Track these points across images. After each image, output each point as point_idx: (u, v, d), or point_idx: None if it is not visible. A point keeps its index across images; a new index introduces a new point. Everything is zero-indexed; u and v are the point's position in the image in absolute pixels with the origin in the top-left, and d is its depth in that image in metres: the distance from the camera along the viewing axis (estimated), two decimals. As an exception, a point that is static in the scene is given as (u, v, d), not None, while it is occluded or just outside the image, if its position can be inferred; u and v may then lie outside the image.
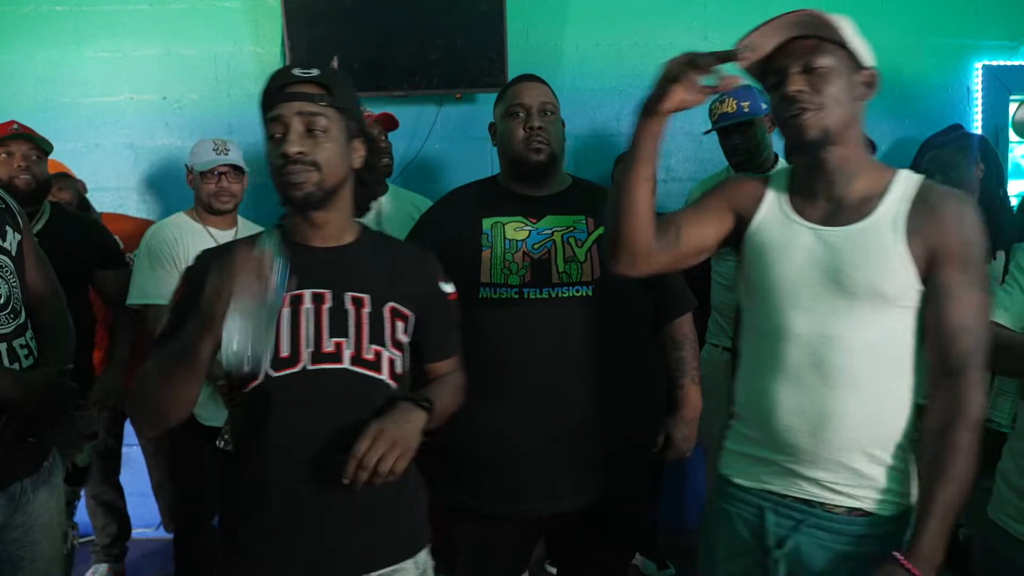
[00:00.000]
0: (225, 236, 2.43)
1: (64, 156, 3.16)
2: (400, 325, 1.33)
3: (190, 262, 1.34)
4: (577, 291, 1.64)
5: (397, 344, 1.33)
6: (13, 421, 1.42)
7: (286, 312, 1.26)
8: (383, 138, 2.60)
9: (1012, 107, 3.17)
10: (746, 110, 2.37)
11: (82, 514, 2.96)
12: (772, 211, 1.32)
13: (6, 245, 1.52)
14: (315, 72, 1.28)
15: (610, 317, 1.65)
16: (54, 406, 1.50)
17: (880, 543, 1.21)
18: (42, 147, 2.42)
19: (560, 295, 1.64)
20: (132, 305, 2.46)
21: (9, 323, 1.47)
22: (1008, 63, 3.17)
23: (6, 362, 1.44)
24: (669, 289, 1.79)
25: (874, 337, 1.21)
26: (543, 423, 1.61)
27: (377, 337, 1.30)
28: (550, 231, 1.70)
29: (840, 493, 1.23)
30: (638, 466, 1.76)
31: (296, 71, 1.28)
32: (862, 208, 1.24)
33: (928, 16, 3.15)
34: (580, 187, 1.84)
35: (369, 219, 2.49)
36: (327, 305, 1.28)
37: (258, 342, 1.08)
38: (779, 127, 1.28)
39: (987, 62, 3.16)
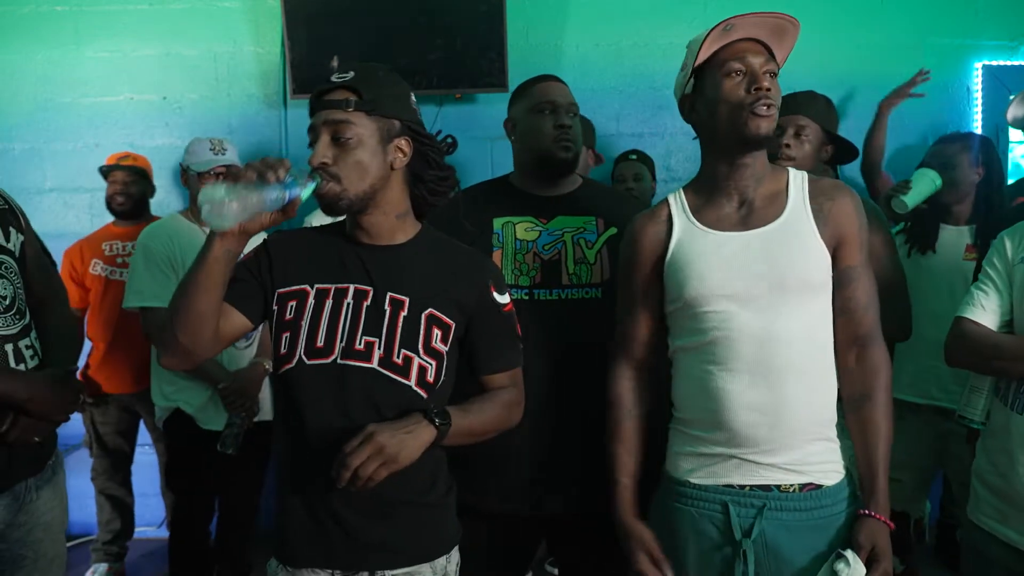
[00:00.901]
0: None
1: (64, 156, 3.17)
2: (438, 333, 1.31)
3: (186, 265, 1.35)
4: (587, 293, 1.65)
5: (432, 352, 1.30)
6: (19, 421, 1.42)
7: (329, 303, 1.29)
8: None
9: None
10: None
11: (83, 513, 2.97)
12: (684, 232, 1.37)
13: (9, 246, 1.52)
14: (349, 75, 1.26)
15: None
16: (61, 407, 1.50)
17: (829, 511, 1.31)
18: None
19: (570, 296, 1.65)
20: (130, 308, 2.45)
21: (14, 324, 1.47)
22: (1008, 63, 3.17)
23: (12, 363, 1.44)
24: None
25: (807, 325, 1.30)
26: (549, 424, 1.62)
27: (409, 342, 1.28)
28: (560, 232, 1.70)
29: (793, 471, 1.30)
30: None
31: (334, 76, 1.27)
32: (772, 207, 1.33)
33: (928, 16, 3.15)
34: (590, 187, 1.84)
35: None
36: (367, 303, 1.29)
37: (230, 209, 1.10)
38: (728, 116, 1.30)
39: (987, 62, 3.17)
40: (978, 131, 3.11)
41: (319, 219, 2.54)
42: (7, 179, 3.12)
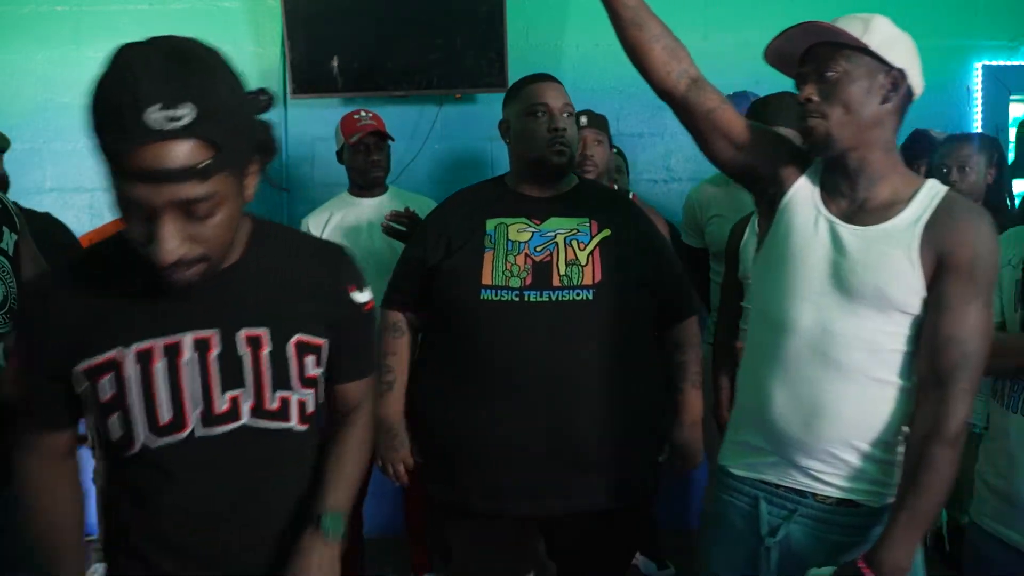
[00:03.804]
0: None
1: (64, 156, 3.17)
2: (311, 360, 1.08)
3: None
4: (577, 294, 1.63)
5: (308, 382, 1.09)
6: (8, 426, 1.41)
7: (160, 366, 0.99)
8: (377, 149, 2.55)
9: (1012, 107, 3.17)
10: None
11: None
12: (803, 193, 1.32)
13: (3, 246, 1.51)
14: (185, 113, 0.83)
15: (611, 321, 1.65)
16: None
17: (867, 533, 1.25)
18: None
19: (560, 298, 1.63)
20: None
21: (6, 323, 1.46)
22: (1008, 63, 3.17)
23: (1, 362, 1.44)
24: (673, 292, 1.79)
25: (874, 337, 1.23)
26: (538, 425, 1.61)
27: (282, 381, 1.06)
28: (553, 233, 1.69)
29: (830, 484, 1.27)
30: (637, 471, 1.74)
31: (152, 114, 0.82)
32: (883, 212, 1.25)
33: (928, 16, 3.15)
34: (585, 188, 1.83)
35: (365, 221, 2.51)
36: (215, 351, 1.02)
37: None
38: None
39: (987, 62, 3.16)
40: (979, 131, 3.11)
41: (316, 219, 2.56)
42: (7, 179, 3.12)
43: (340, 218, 2.54)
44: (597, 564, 1.81)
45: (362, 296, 1.14)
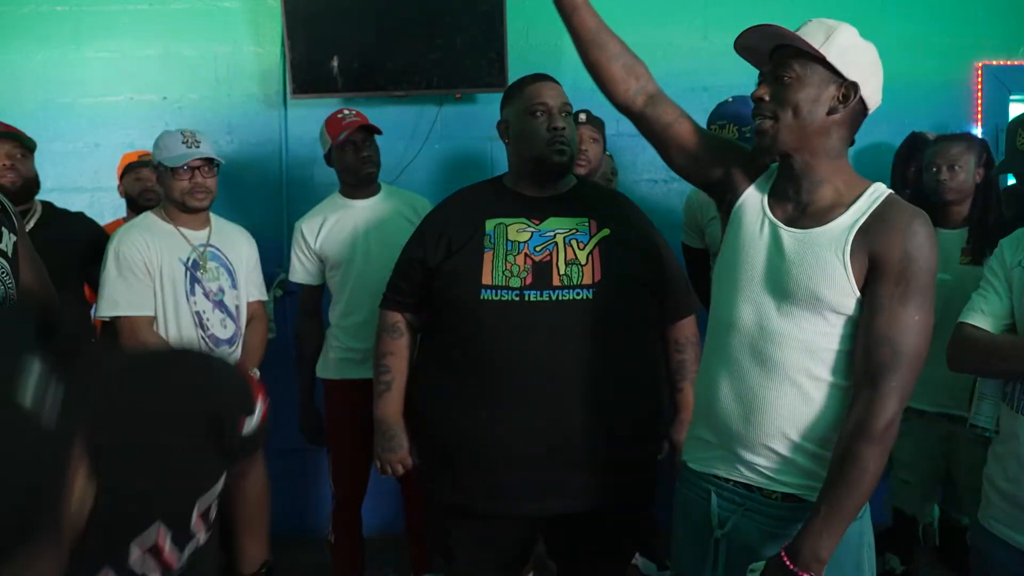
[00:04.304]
0: (198, 237, 2.33)
1: (64, 156, 3.17)
2: (214, 505, 0.99)
3: (163, 267, 0.94)
4: (577, 294, 1.64)
5: (207, 515, 0.99)
6: None
7: None
8: (365, 144, 2.48)
9: (1012, 107, 3.17)
10: (747, 135, 2.33)
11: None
12: (754, 198, 1.37)
13: (2, 247, 1.51)
14: None
15: (610, 320, 1.65)
16: None
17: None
18: (26, 145, 2.41)
19: (560, 298, 1.63)
20: (101, 318, 2.26)
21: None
22: (1008, 63, 3.17)
23: None
24: (673, 292, 1.80)
25: (810, 336, 1.26)
26: (538, 425, 1.61)
27: (187, 541, 0.96)
28: (552, 233, 1.70)
29: (773, 479, 1.30)
30: (637, 471, 1.75)
31: None
32: (824, 216, 1.27)
33: (928, 16, 3.15)
34: (584, 188, 1.83)
35: (360, 222, 2.49)
36: None
37: None
38: None
39: (987, 62, 3.16)
40: (978, 131, 3.11)
41: (309, 223, 2.53)
42: (7, 179, 3.12)
43: (334, 222, 2.49)
44: (597, 564, 1.81)
45: (253, 421, 0.95)
